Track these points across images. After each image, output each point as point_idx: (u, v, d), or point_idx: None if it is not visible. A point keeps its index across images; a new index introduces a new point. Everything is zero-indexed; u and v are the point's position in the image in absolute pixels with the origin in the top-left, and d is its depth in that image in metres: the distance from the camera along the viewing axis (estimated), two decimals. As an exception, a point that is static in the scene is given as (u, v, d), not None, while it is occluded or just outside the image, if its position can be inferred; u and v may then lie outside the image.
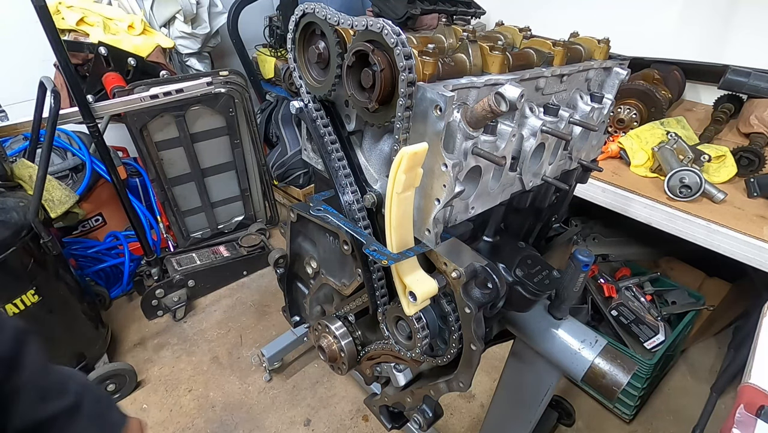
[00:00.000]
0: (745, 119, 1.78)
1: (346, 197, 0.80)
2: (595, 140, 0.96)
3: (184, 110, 2.34)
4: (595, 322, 2.03)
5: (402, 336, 0.89)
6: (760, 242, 1.28)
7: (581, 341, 0.88)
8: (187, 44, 2.75)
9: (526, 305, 0.84)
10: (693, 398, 1.98)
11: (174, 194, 2.55)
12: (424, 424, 0.99)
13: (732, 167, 1.55)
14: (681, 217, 1.42)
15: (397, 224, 0.65)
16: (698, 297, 1.97)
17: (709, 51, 1.98)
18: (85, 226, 2.41)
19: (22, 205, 1.66)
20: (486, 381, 2.07)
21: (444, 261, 0.72)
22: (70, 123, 1.90)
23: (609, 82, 0.94)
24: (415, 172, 0.60)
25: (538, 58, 0.80)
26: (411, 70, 0.60)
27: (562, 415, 1.56)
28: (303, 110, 0.81)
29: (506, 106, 0.58)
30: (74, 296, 1.89)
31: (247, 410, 1.98)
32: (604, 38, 0.92)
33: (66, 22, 2.18)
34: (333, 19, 0.68)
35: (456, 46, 0.74)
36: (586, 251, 0.83)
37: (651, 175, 1.60)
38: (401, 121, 0.64)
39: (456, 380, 0.84)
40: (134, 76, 2.22)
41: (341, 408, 1.99)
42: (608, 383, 0.83)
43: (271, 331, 2.37)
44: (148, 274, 2.43)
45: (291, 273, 1.23)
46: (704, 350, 2.22)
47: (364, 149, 0.84)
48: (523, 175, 0.80)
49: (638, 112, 1.79)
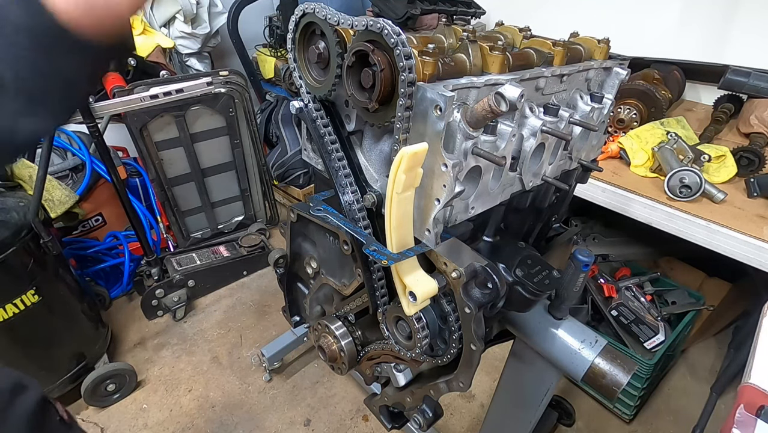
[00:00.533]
0: (745, 119, 1.78)
1: (346, 197, 0.80)
2: (595, 140, 0.96)
3: (184, 110, 2.34)
4: (595, 322, 2.03)
5: (402, 336, 0.89)
6: (760, 242, 1.28)
7: (581, 341, 0.88)
8: (187, 44, 2.75)
9: (526, 305, 0.83)
10: (693, 398, 1.98)
11: (174, 194, 2.55)
12: (424, 424, 0.98)
13: (732, 167, 1.55)
14: (681, 217, 1.42)
15: (397, 224, 0.65)
16: (698, 297, 1.97)
17: (709, 51, 1.97)
18: (85, 226, 2.41)
19: (22, 205, 1.66)
20: (486, 381, 2.07)
21: (444, 261, 0.72)
22: (70, 123, 1.90)
23: (609, 82, 0.94)
24: (415, 172, 0.60)
25: (538, 58, 0.80)
26: (411, 70, 0.60)
27: (562, 415, 1.56)
28: (303, 110, 0.81)
29: (506, 106, 0.58)
30: (74, 296, 1.89)
31: (247, 410, 1.98)
32: (604, 38, 0.92)
33: (66, 22, 2.18)
34: (333, 19, 0.68)
35: (456, 46, 0.74)
36: (586, 251, 0.83)
37: (651, 175, 1.60)
38: (401, 121, 0.64)
39: (456, 380, 0.84)
40: (134, 76, 2.21)
41: (341, 408, 1.99)
42: (608, 383, 0.83)
43: (271, 331, 2.37)
44: (148, 274, 2.43)
45: (291, 273, 1.23)
46: (704, 350, 2.22)
47: (364, 149, 0.84)
48: (523, 175, 0.80)
49: (638, 112, 1.79)
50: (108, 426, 1.92)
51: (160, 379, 2.12)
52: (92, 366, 1.93)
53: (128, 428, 1.91)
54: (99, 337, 2.02)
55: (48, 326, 1.76)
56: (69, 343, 1.87)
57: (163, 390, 2.07)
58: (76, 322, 1.90)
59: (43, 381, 1.79)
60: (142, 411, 1.98)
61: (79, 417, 1.94)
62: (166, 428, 1.91)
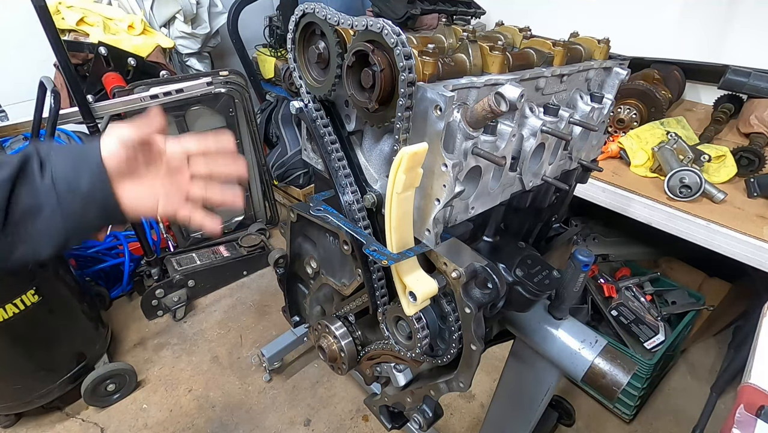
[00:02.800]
0: (745, 119, 1.78)
1: (346, 197, 0.80)
2: (595, 140, 0.96)
3: (184, 110, 2.34)
4: (595, 322, 2.03)
5: (402, 336, 0.89)
6: (760, 242, 1.28)
7: (581, 341, 0.88)
8: (187, 44, 2.75)
9: (526, 305, 0.83)
10: (693, 398, 1.98)
11: (174, 194, 2.55)
12: (424, 424, 0.98)
13: (732, 167, 1.55)
14: (681, 217, 1.42)
15: (397, 224, 0.65)
16: (698, 297, 1.97)
17: (709, 51, 1.97)
18: (85, 226, 2.41)
19: (22, 206, 1.66)
20: (486, 381, 2.07)
21: (444, 261, 0.72)
22: (70, 123, 1.90)
23: (609, 82, 0.94)
24: (415, 172, 0.60)
25: (538, 58, 0.80)
26: (411, 70, 0.60)
27: (562, 415, 1.55)
28: (303, 110, 0.81)
29: (506, 106, 0.58)
30: (74, 296, 1.89)
31: (247, 410, 1.98)
32: (604, 38, 0.92)
33: (66, 22, 2.18)
34: (333, 19, 0.68)
35: (456, 46, 0.74)
36: (586, 251, 0.83)
37: (651, 175, 1.60)
38: (401, 121, 0.64)
39: (456, 380, 0.84)
40: (134, 76, 2.21)
41: (341, 408, 1.99)
42: (608, 383, 0.83)
43: (271, 331, 2.37)
44: (148, 274, 2.43)
45: (291, 273, 1.23)
46: (704, 350, 2.22)
47: (364, 149, 0.84)
48: (523, 175, 0.80)
49: (638, 112, 1.79)
50: (108, 426, 1.92)
51: (160, 379, 2.12)
52: (92, 366, 1.93)
53: (128, 428, 1.91)
54: (99, 337, 2.02)
55: (48, 326, 1.76)
56: (69, 343, 1.87)
57: (163, 390, 2.07)
58: (76, 322, 1.90)
59: (43, 381, 1.79)
60: (142, 411, 1.98)
61: (79, 417, 1.94)
62: (166, 428, 1.91)
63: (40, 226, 0.57)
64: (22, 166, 0.57)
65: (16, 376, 1.73)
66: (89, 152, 0.61)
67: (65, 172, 0.58)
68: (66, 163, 0.59)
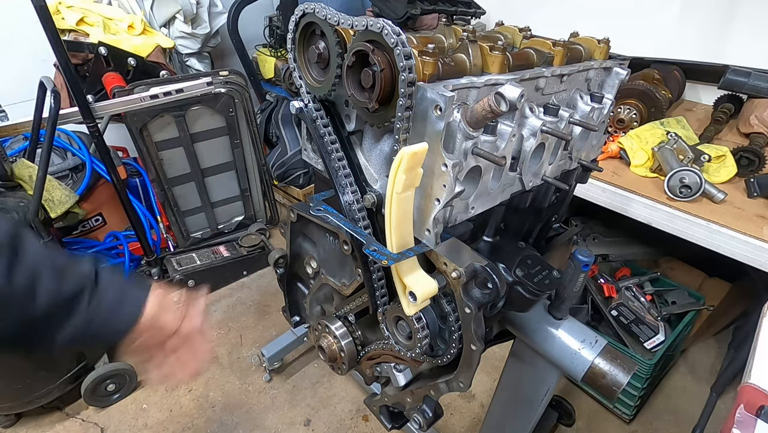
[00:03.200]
0: (745, 119, 1.78)
1: (346, 197, 0.80)
2: (595, 140, 0.96)
3: (184, 110, 2.34)
4: (595, 322, 2.03)
5: (402, 336, 0.89)
6: (760, 242, 1.28)
7: (581, 341, 0.88)
8: (187, 44, 2.75)
9: (526, 305, 0.84)
10: (693, 398, 1.98)
11: (174, 194, 2.55)
12: (424, 424, 0.98)
13: (732, 167, 1.55)
14: (681, 217, 1.42)
15: (397, 224, 0.65)
16: (698, 297, 1.97)
17: (709, 51, 1.97)
18: (85, 226, 2.41)
19: (22, 206, 1.66)
20: (486, 381, 2.07)
21: (444, 261, 0.72)
22: (70, 123, 1.90)
23: (609, 82, 0.94)
24: (415, 172, 0.60)
25: (538, 58, 0.80)
26: (411, 70, 0.60)
27: (562, 415, 1.56)
28: (303, 110, 0.81)
29: (506, 106, 0.58)
30: (74, 295, 1.88)
31: (247, 410, 1.98)
32: (604, 38, 0.92)
33: (66, 22, 2.18)
34: (333, 19, 0.68)
35: (456, 46, 0.74)
36: (586, 251, 0.84)
37: (651, 175, 1.60)
38: (401, 121, 0.64)
39: (456, 380, 0.84)
40: (134, 76, 2.21)
41: (341, 408, 1.99)
42: (608, 383, 0.83)
43: (271, 331, 2.37)
44: (148, 274, 2.43)
45: (291, 273, 1.23)
46: (704, 350, 2.22)
47: (364, 149, 0.84)
48: (523, 175, 0.80)
49: (638, 112, 1.79)
50: (108, 426, 1.92)
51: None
52: (92, 366, 1.93)
53: (128, 428, 1.91)
54: (99, 337, 2.02)
55: (48, 326, 1.76)
56: (69, 343, 1.86)
57: (163, 390, 2.07)
58: (76, 322, 1.90)
59: (43, 381, 1.79)
60: (142, 411, 1.98)
61: (79, 417, 1.94)
62: (166, 428, 1.91)
63: (60, 335, 0.66)
64: (80, 290, 0.66)
65: (16, 376, 1.73)
66: (130, 301, 0.73)
67: (107, 314, 0.69)
68: (112, 300, 0.69)
